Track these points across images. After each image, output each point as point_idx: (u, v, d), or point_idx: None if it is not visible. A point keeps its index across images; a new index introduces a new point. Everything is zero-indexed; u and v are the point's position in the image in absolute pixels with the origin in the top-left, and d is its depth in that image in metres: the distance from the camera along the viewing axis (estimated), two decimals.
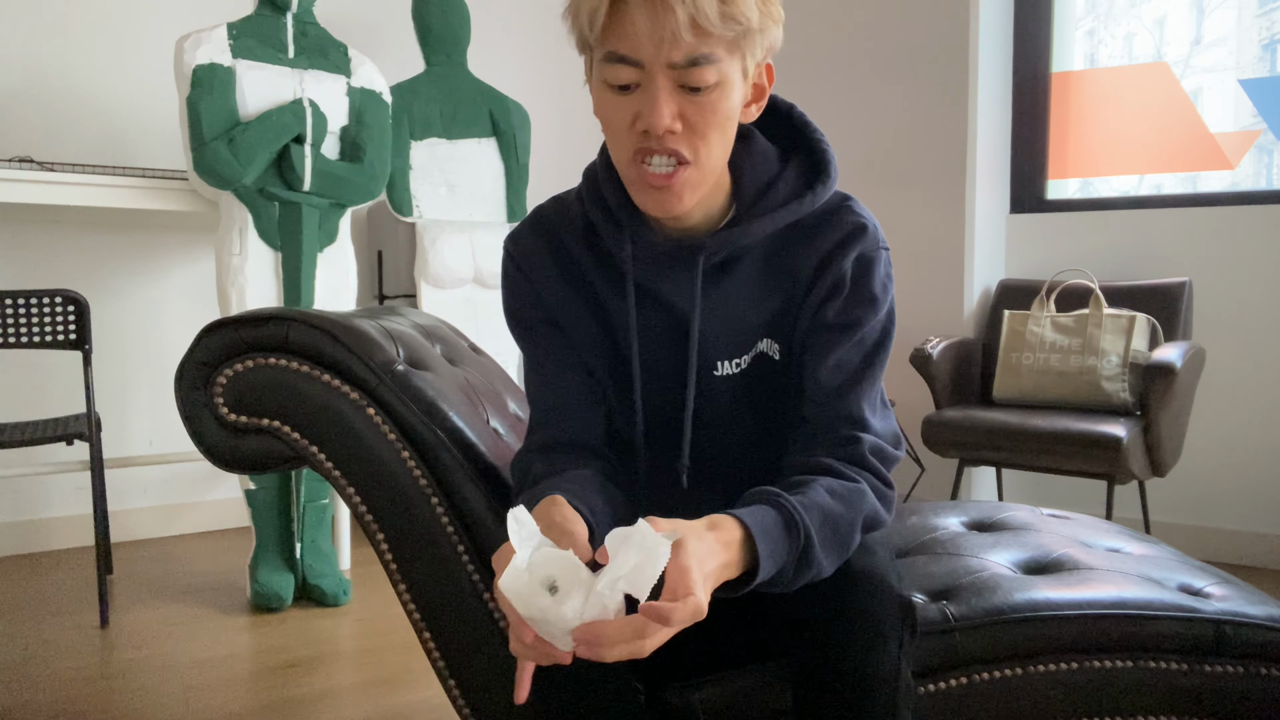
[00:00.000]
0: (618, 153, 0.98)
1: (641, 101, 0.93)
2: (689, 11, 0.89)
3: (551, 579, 0.77)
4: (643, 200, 0.98)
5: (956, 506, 1.57)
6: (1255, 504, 2.97)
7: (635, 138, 0.95)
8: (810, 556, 0.92)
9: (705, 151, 0.95)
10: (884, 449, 1.04)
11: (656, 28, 0.89)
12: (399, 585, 1.20)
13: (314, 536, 2.55)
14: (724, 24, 0.90)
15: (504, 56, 3.75)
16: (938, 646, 1.12)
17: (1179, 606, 1.16)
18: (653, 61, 0.91)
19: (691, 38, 0.90)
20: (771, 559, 0.89)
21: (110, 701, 1.91)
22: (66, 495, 3.02)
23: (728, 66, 0.93)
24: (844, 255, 1.04)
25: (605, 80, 0.95)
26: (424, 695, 1.96)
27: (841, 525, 0.96)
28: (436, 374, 1.31)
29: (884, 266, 1.06)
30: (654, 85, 0.92)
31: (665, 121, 0.92)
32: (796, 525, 0.91)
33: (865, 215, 1.07)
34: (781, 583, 0.93)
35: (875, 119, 3.59)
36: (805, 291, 1.06)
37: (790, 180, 1.06)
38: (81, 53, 2.97)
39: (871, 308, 1.05)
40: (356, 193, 2.61)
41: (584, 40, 0.95)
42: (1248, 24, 3.09)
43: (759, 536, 0.87)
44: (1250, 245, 2.97)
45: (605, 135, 0.99)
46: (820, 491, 0.96)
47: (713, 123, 0.95)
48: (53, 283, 2.93)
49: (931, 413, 2.93)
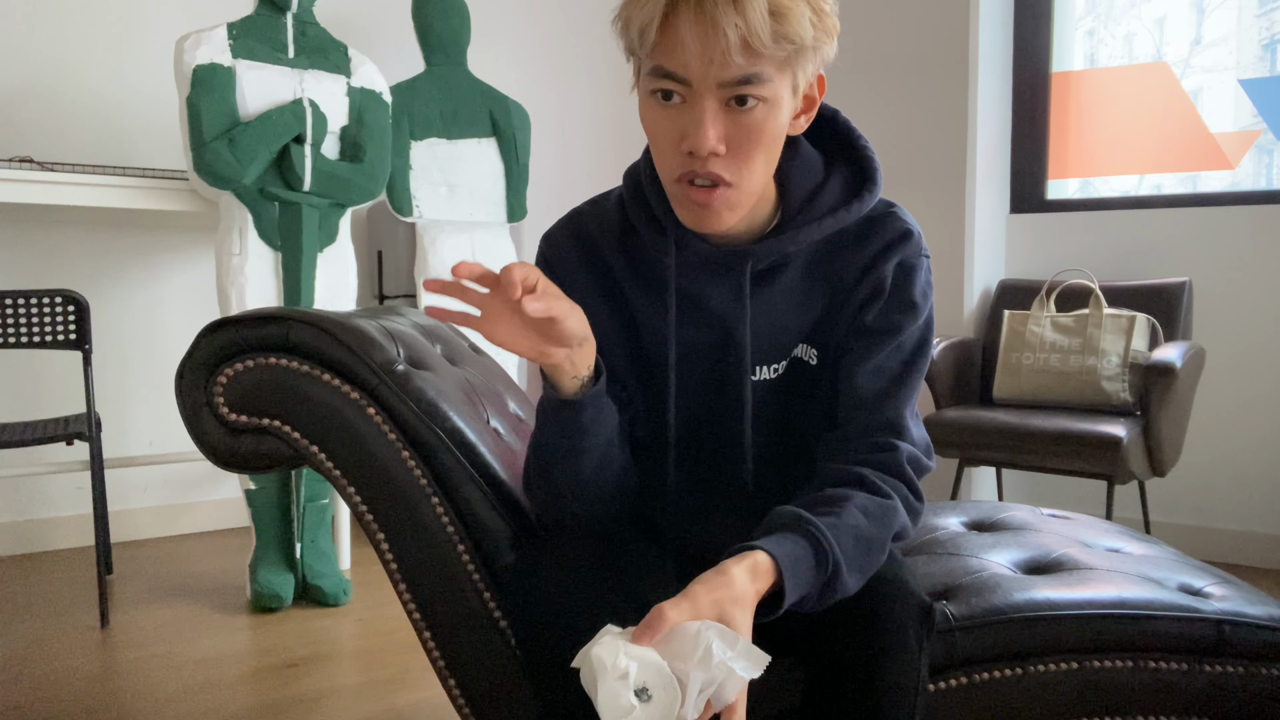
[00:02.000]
0: (662, 168, 0.98)
1: (687, 119, 0.93)
2: (740, 34, 0.87)
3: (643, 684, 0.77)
4: (684, 216, 0.99)
5: (956, 506, 1.57)
6: (1255, 504, 2.97)
7: (680, 159, 0.94)
8: (837, 583, 0.92)
9: (748, 173, 0.95)
10: (919, 459, 1.04)
11: (706, 49, 0.88)
12: (399, 585, 1.20)
13: (314, 536, 2.55)
14: (776, 44, 0.89)
15: (504, 56, 3.75)
16: (938, 646, 1.12)
17: (1179, 606, 1.16)
18: (701, 80, 0.90)
19: (742, 59, 0.89)
20: (796, 590, 0.89)
21: (110, 701, 1.91)
22: (66, 495, 3.02)
23: (778, 85, 0.92)
24: (886, 261, 1.04)
25: (651, 93, 0.94)
26: (424, 695, 1.96)
27: (874, 545, 0.96)
28: (437, 374, 1.31)
29: (925, 274, 1.06)
30: (700, 104, 0.91)
31: (710, 143, 0.91)
32: (825, 554, 0.91)
33: (909, 222, 1.07)
34: (805, 607, 0.93)
35: (875, 119, 3.59)
36: (846, 296, 1.06)
37: (836, 188, 1.05)
38: (81, 53, 2.97)
39: (911, 314, 1.05)
40: (356, 193, 2.62)
41: (631, 48, 0.95)
42: (1248, 24, 3.09)
43: (787, 571, 0.88)
44: (1250, 245, 2.97)
45: (651, 146, 0.99)
46: (854, 512, 0.96)
47: (758, 144, 0.94)
48: (53, 283, 2.93)
49: (931, 413, 2.93)
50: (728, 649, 0.78)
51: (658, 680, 0.77)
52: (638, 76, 0.98)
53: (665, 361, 1.08)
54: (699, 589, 0.83)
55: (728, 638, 0.78)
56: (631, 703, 0.75)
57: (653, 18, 0.89)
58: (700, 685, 0.77)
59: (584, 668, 0.79)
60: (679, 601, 0.82)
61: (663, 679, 0.77)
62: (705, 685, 0.77)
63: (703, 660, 0.77)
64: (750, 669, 0.78)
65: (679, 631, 0.79)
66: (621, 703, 0.75)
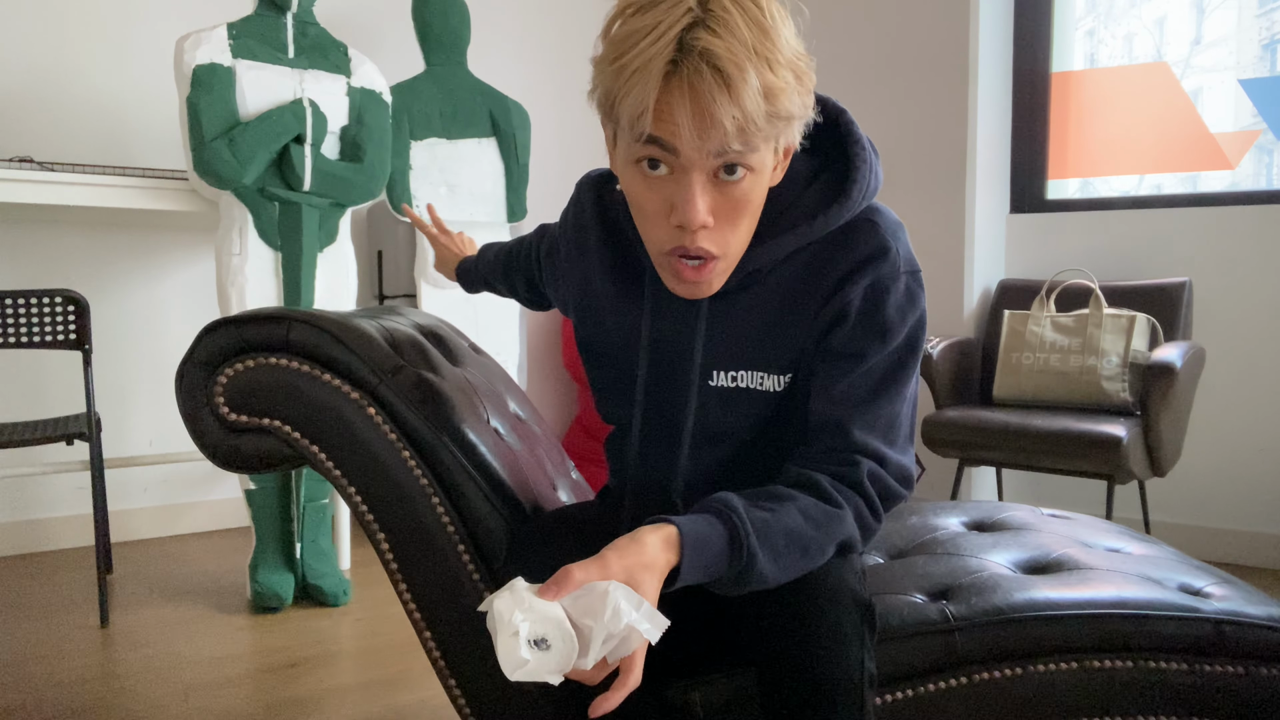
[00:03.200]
0: (649, 236, 0.97)
1: (675, 191, 0.92)
2: (738, 124, 0.87)
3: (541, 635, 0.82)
4: (670, 284, 1.00)
5: (956, 506, 1.57)
6: (1255, 504, 2.97)
7: (669, 232, 0.95)
8: (752, 573, 0.92)
9: (735, 241, 0.96)
10: (883, 478, 1.02)
11: (702, 136, 0.88)
12: (399, 585, 1.20)
13: (314, 536, 2.55)
14: (769, 125, 0.89)
15: (504, 56, 3.75)
16: (938, 646, 1.12)
17: (1179, 606, 1.16)
18: (691, 155, 0.90)
19: (738, 145, 0.89)
20: (698, 569, 0.90)
21: (110, 701, 1.91)
22: (66, 495, 3.02)
23: (764, 154, 0.93)
24: (854, 283, 1.01)
25: (635, 158, 0.93)
26: (424, 695, 1.96)
27: (810, 547, 0.96)
28: (437, 374, 1.31)
29: (902, 294, 1.01)
30: (688, 178, 0.91)
31: (700, 217, 0.92)
32: (740, 542, 0.91)
33: (888, 235, 1.02)
34: (719, 589, 0.95)
35: (875, 119, 3.59)
36: (813, 317, 1.03)
37: (808, 202, 1.03)
38: (81, 53, 2.97)
39: (881, 339, 1.01)
40: (356, 193, 2.62)
41: (616, 121, 0.93)
42: (1248, 24, 3.09)
43: (689, 549, 0.89)
44: (1250, 245, 2.97)
45: (634, 212, 0.98)
46: (792, 511, 0.96)
47: (744, 213, 0.95)
48: (53, 283, 2.93)
49: (931, 413, 2.93)
50: (632, 610, 0.82)
51: (556, 632, 0.82)
52: (613, 140, 0.98)
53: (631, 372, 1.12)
54: (611, 554, 0.86)
55: (632, 599, 0.83)
56: (525, 655, 0.81)
57: (645, 106, 0.88)
58: (603, 639, 0.82)
59: (488, 615, 0.84)
60: (589, 563, 0.85)
61: (561, 631, 0.82)
62: (607, 639, 0.82)
63: (609, 619, 0.81)
64: (652, 631, 0.83)
65: (588, 589, 0.84)
66: (516, 655, 0.81)
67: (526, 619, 0.81)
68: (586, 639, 0.82)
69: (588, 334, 1.17)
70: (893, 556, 1.36)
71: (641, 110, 0.88)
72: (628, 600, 0.83)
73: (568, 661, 0.82)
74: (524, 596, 0.83)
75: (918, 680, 1.12)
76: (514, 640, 0.81)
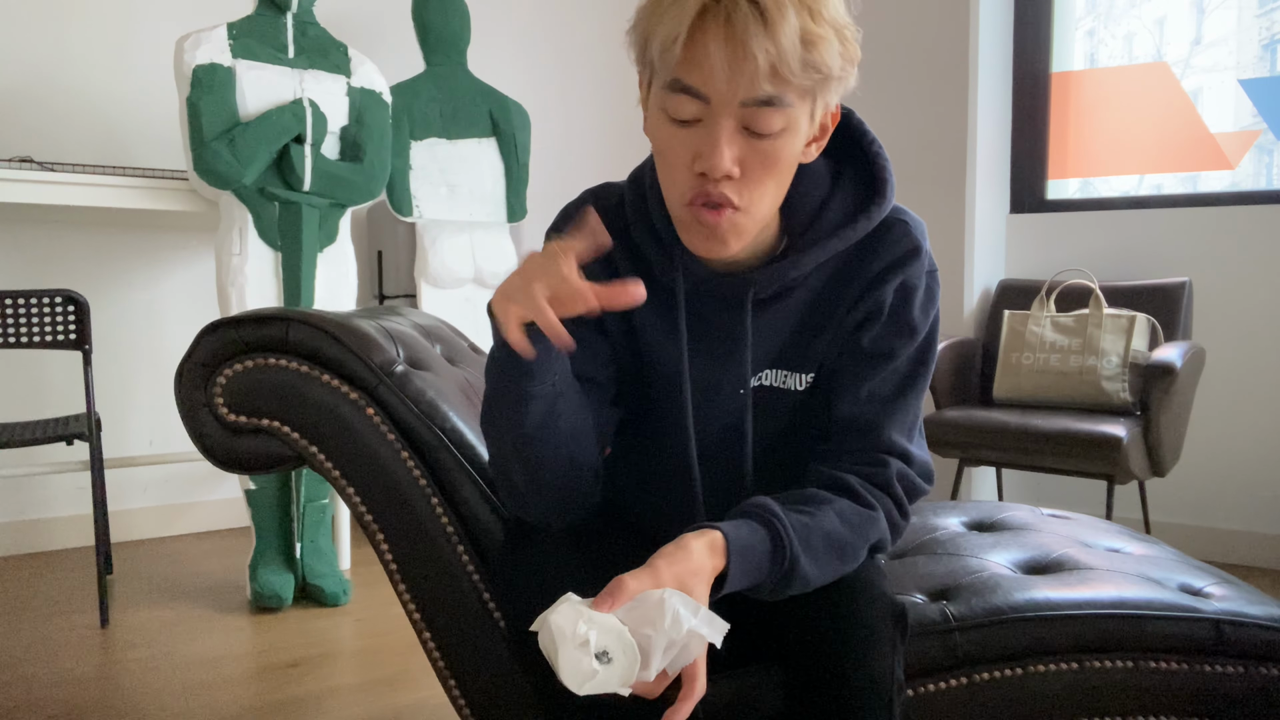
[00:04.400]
0: (670, 189, 0.94)
1: (702, 139, 0.89)
2: (770, 59, 0.84)
3: (604, 648, 0.80)
4: (690, 241, 0.96)
5: (956, 506, 1.57)
6: (1255, 504, 2.97)
7: (692, 181, 0.91)
8: (795, 577, 0.93)
9: (758, 199, 0.92)
10: (910, 477, 1.03)
11: (734, 72, 0.85)
12: (399, 585, 1.20)
13: (314, 536, 2.55)
14: (804, 73, 0.86)
15: (504, 56, 3.75)
16: (938, 646, 1.12)
17: (1179, 606, 1.16)
18: (721, 100, 0.87)
19: (770, 86, 0.86)
20: (744, 575, 0.89)
21: (110, 701, 1.91)
22: (66, 495, 3.02)
23: (797, 112, 0.89)
24: (887, 282, 1.01)
25: (666, 110, 0.91)
26: (424, 695, 1.96)
27: (846, 550, 0.96)
28: (436, 374, 1.31)
29: (925, 292, 1.02)
30: (717, 125, 0.88)
31: (725, 165, 0.88)
32: (783, 546, 0.91)
33: (918, 236, 1.02)
34: (762, 594, 0.94)
35: (875, 119, 3.59)
36: (845, 316, 1.03)
37: (841, 203, 1.01)
38: (81, 53, 2.97)
39: (908, 337, 1.02)
40: (356, 193, 2.61)
41: (649, 61, 0.91)
42: (1248, 24, 3.09)
43: (735, 555, 0.88)
44: (1250, 245, 2.97)
45: (658, 164, 0.95)
46: (829, 514, 0.96)
47: (773, 170, 0.91)
48: (53, 283, 2.93)
49: (931, 413, 2.93)
50: (691, 615, 0.81)
51: (618, 644, 0.80)
52: (646, 90, 0.95)
53: (678, 386, 1.06)
54: (660, 562, 0.85)
55: (689, 605, 0.81)
56: (594, 667, 0.78)
57: (678, 33, 0.85)
58: (664, 647, 0.80)
59: (542, 633, 0.81)
60: (640, 573, 0.83)
61: (623, 643, 0.80)
62: (669, 648, 0.80)
63: (671, 625, 0.80)
64: (713, 634, 0.81)
65: (642, 599, 0.82)
66: (584, 667, 0.78)
67: (592, 629, 0.79)
68: (647, 649, 0.80)
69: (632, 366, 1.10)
70: (893, 556, 1.36)
71: (675, 37, 0.86)
72: (685, 606, 0.81)
73: (631, 673, 0.80)
74: (582, 610, 0.80)
75: (918, 680, 1.12)
76: (580, 652, 0.78)
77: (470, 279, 3.06)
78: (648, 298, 1.04)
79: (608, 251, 1.04)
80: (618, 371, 1.09)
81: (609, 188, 1.11)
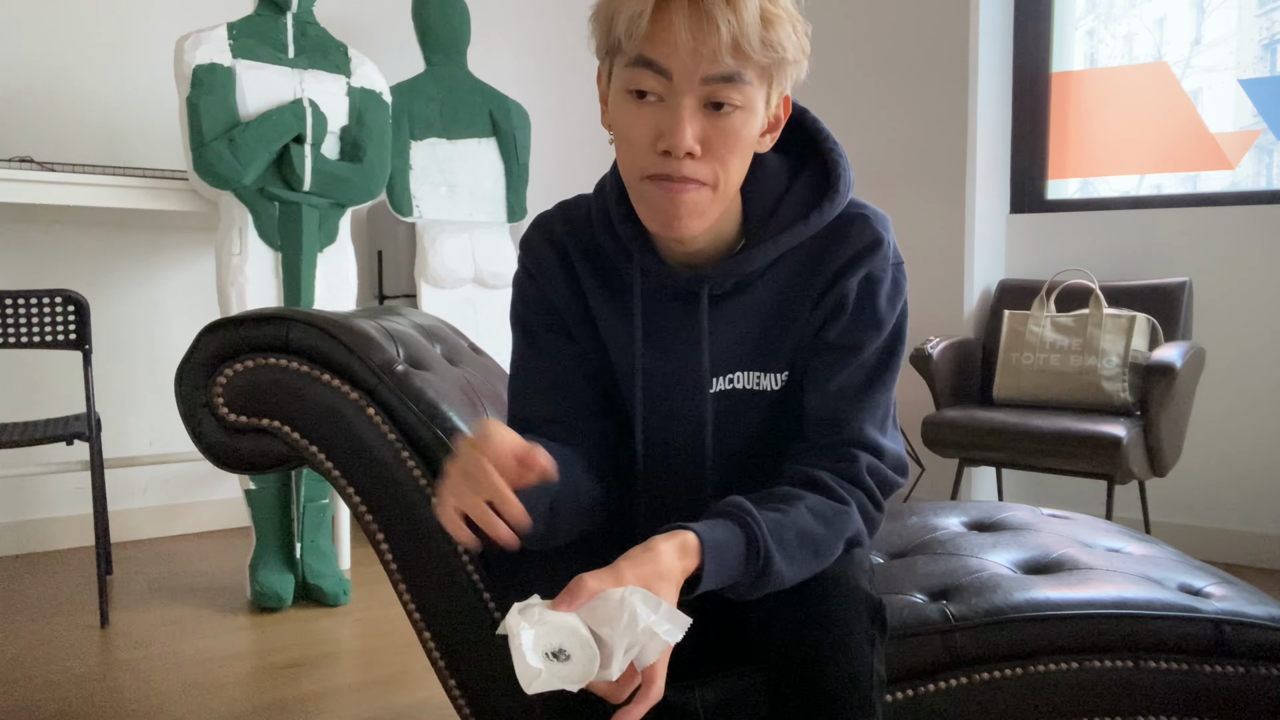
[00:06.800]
0: (630, 168, 0.95)
1: (663, 117, 0.91)
2: (733, 32, 0.88)
3: (559, 647, 0.80)
4: (649, 218, 0.96)
5: (956, 506, 1.57)
6: (1255, 504, 2.97)
7: (654, 159, 0.92)
8: (769, 575, 0.93)
9: (724, 176, 0.93)
10: (882, 471, 1.03)
11: (697, 43, 0.88)
12: (399, 585, 1.20)
13: (314, 536, 2.55)
14: (763, 50, 0.89)
15: (504, 56, 3.75)
16: (938, 646, 1.12)
17: (1179, 606, 1.16)
18: (684, 75, 0.89)
19: (731, 59, 0.89)
20: (719, 574, 0.90)
21: (110, 701, 1.91)
22: (66, 495, 3.02)
23: (754, 92, 0.92)
24: (851, 275, 1.01)
25: (627, 86, 0.92)
26: (424, 695, 1.96)
27: (821, 546, 0.97)
28: (437, 374, 1.31)
29: (891, 283, 1.03)
30: (679, 102, 0.90)
31: (687, 142, 0.90)
32: (757, 545, 0.92)
33: (879, 228, 1.03)
34: (737, 594, 0.94)
35: (875, 119, 3.59)
36: (810, 311, 1.04)
37: (797, 199, 1.03)
38: (81, 53, 2.97)
39: (876, 330, 1.03)
40: (356, 193, 2.61)
41: (614, 43, 0.92)
42: (1248, 24, 3.09)
43: (709, 555, 0.89)
44: (1250, 245, 2.97)
45: (618, 148, 0.96)
46: (802, 511, 0.96)
47: (734, 148, 0.93)
48: (53, 283, 2.93)
49: (931, 413, 2.93)
50: (650, 613, 0.80)
51: (573, 641, 0.80)
52: (606, 80, 0.97)
53: (630, 390, 1.07)
54: (624, 564, 0.85)
55: (650, 602, 0.81)
56: (536, 666, 0.78)
57: (644, 8, 0.89)
58: (625, 647, 0.80)
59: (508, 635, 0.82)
60: (602, 573, 0.83)
61: (578, 640, 0.80)
62: (629, 647, 0.80)
63: (628, 624, 0.79)
64: (673, 632, 0.81)
65: (603, 598, 0.81)
66: (529, 665, 0.79)
67: (533, 628, 0.79)
68: (609, 648, 0.80)
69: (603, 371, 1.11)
70: (893, 556, 1.36)
71: (640, 12, 0.89)
72: (645, 604, 0.80)
73: (589, 671, 0.79)
74: (535, 611, 0.81)
75: (918, 680, 1.12)
76: (530, 651, 0.79)
77: (470, 279, 3.06)
78: (609, 299, 1.07)
79: (568, 258, 1.08)
80: (596, 372, 1.11)
81: (580, 200, 1.12)
